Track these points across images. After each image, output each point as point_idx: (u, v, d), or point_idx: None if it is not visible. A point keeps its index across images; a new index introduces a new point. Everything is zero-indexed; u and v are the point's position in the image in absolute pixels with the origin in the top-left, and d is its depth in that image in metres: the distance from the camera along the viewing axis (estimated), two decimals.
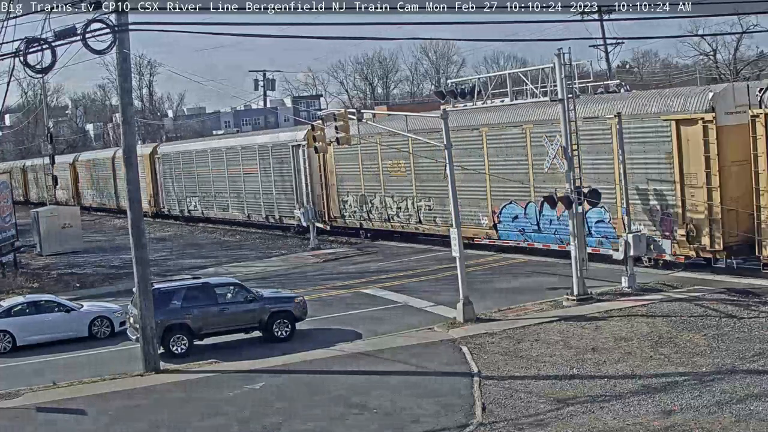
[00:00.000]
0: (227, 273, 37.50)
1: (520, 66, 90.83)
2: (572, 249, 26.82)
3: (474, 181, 35.87)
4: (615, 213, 30.46)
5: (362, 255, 40.82)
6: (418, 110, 45.67)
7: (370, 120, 35.07)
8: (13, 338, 26.74)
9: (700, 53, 65.79)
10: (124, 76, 23.60)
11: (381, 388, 20.09)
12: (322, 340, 24.92)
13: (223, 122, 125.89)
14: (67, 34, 21.47)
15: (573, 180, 26.82)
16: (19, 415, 20.29)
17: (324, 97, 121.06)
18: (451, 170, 26.29)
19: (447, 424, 17.51)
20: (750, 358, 19.77)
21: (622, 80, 46.64)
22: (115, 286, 37.13)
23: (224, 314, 25.15)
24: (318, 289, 32.80)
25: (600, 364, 20.38)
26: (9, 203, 46.47)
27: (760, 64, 64.69)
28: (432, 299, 28.98)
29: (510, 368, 20.72)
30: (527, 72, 29.31)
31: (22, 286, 37.88)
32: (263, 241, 49.77)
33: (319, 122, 34.77)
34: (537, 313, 25.61)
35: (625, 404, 17.57)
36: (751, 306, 24.24)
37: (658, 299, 25.75)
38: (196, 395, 20.83)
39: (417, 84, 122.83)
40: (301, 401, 19.62)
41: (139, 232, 23.49)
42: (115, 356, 25.42)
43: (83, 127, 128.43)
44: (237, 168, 54.71)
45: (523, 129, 34.02)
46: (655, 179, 29.21)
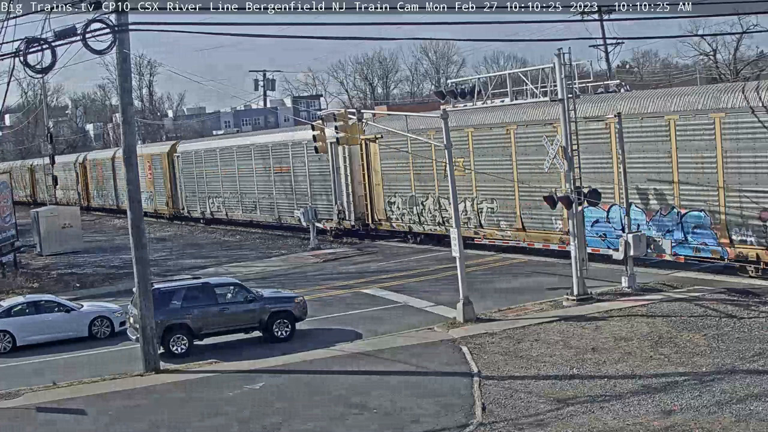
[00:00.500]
0: (227, 273, 37.51)
1: (520, 66, 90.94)
2: (572, 249, 26.81)
3: (546, 181, 32.47)
4: (717, 217, 28.11)
5: (362, 255, 40.81)
6: (418, 110, 45.55)
7: (425, 113, 33.25)
8: (13, 338, 26.76)
9: (700, 53, 65.73)
10: (124, 76, 23.61)
11: (381, 388, 20.09)
12: (322, 340, 24.92)
13: (223, 122, 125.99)
14: (67, 34, 21.48)
15: (573, 180, 26.81)
16: (19, 415, 20.29)
17: (324, 97, 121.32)
18: (451, 170, 26.29)
19: (447, 424, 17.51)
20: (750, 358, 19.77)
21: (622, 80, 46.58)
22: (115, 286, 37.15)
23: (224, 314, 25.16)
24: (318, 289, 32.80)
25: (600, 364, 20.39)
26: (9, 203, 46.47)
27: (760, 64, 64.59)
28: (432, 299, 28.99)
29: (510, 368, 20.72)
30: (527, 72, 29.31)
31: (22, 286, 37.90)
32: (263, 241, 49.77)
33: (319, 122, 34.63)
34: (537, 313, 25.61)
35: (625, 404, 17.57)
36: (751, 306, 24.25)
37: (658, 299, 25.75)
38: (196, 395, 20.82)
39: (417, 84, 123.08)
40: (301, 401, 19.62)
41: (139, 232, 23.49)
42: (115, 356, 25.42)
43: (83, 127, 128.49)
44: (266, 167, 51.57)
45: (606, 125, 30.94)
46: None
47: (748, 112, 26.65)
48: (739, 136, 27.19)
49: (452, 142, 27.22)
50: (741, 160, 27.21)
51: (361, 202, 44.47)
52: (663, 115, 29.28)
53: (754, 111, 26.47)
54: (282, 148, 50.23)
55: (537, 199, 32.26)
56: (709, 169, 28.05)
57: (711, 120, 27.80)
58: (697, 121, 28.32)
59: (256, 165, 52.73)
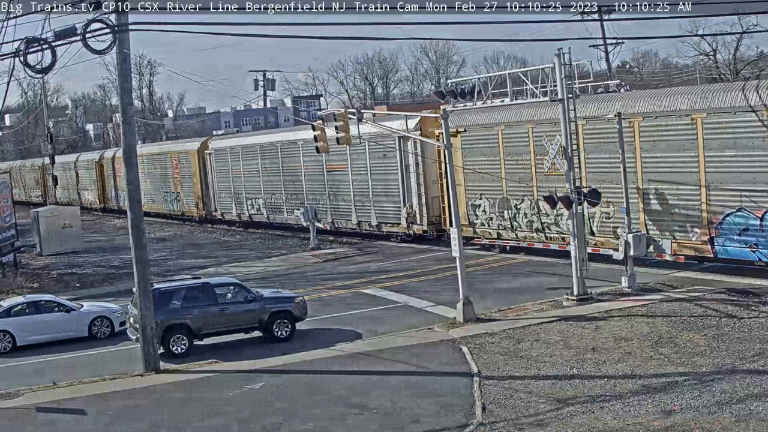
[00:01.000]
0: (227, 273, 37.51)
1: (520, 66, 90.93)
2: (572, 249, 26.81)
3: (684, 183, 28.63)
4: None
5: (362, 255, 40.80)
6: (418, 110, 45.25)
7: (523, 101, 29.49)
8: (13, 338, 26.77)
9: (700, 53, 65.72)
10: (124, 76, 23.61)
11: (381, 388, 20.08)
12: (322, 340, 24.92)
13: (223, 122, 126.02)
14: (67, 34, 21.48)
15: (572, 180, 26.80)
16: (19, 415, 20.29)
17: (324, 97, 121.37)
18: (451, 170, 26.28)
19: (447, 424, 17.50)
20: (750, 358, 19.77)
21: (622, 80, 46.59)
22: (115, 286, 37.16)
23: (224, 314, 25.16)
24: (318, 289, 32.80)
25: (600, 364, 20.38)
26: (9, 203, 46.49)
27: (760, 64, 64.61)
28: (432, 299, 28.98)
29: (510, 368, 20.72)
30: (527, 72, 29.30)
31: (22, 286, 37.90)
32: (263, 241, 49.76)
33: (319, 122, 34.37)
34: (537, 313, 25.61)
35: (625, 404, 17.56)
36: (751, 306, 24.24)
37: (658, 299, 25.74)
38: (196, 395, 20.82)
39: (417, 84, 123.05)
40: (301, 401, 19.61)
41: (139, 232, 23.49)
42: (115, 356, 25.42)
43: (83, 127, 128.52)
44: (318, 165, 46.28)
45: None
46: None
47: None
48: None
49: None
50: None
51: (435, 205, 39.82)
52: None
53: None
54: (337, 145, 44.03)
55: (669, 203, 29.07)
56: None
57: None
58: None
59: (306, 163, 47.86)
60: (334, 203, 46.15)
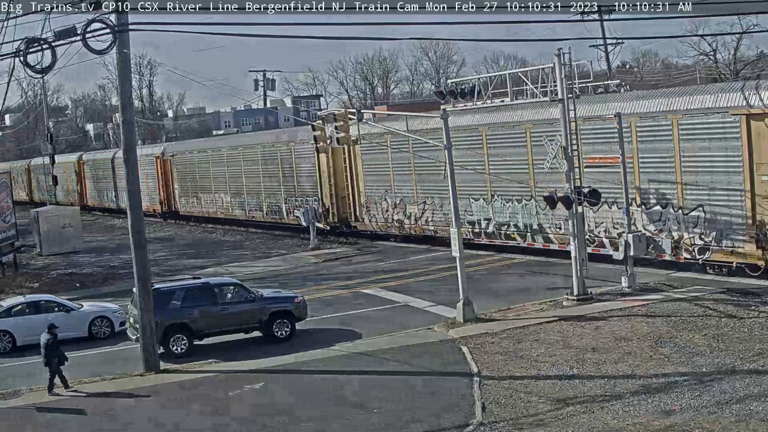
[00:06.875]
0: (227, 273, 37.48)
1: (520, 66, 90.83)
2: (572, 249, 26.80)
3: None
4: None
5: (362, 255, 40.80)
6: (418, 110, 45.24)
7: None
8: (13, 338, 26.75)
9: (700, 53, 65.84)
10: (124, 76, 23.61)
11: (381, 388, 20.09)
12: (322, 340, 24.91)
13: (223, 122, 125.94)
14: (67, 34, 21.50)
15: (573, 179, 26.79)
16: (19, 415, 20.29)
17: (324, 97, 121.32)
18: (451, 171, 26.26)
19: (447, 424, 17.51)
20: (750, 358, 19.77)
21: (622, 80, 46.60)
22: (115, 286, 37.14)
23: (224, 314, 25.15)
24: (318, 289, 32.79)
25: (600, 364, 20.38)
26: (9, 203, 46.47)
27: (760, 64, 64.63)
28: (432, 299, 28.98)
29: (510, 368, 20.72)
30: (527, 72, 29.30)
31: (22, 286, 37.88)
32: (263, 241, 49.75)
33: (319, 122, 34.29)
34: (537, 313, 25.60)
35: (625, 404, 17.57)
36: (751, 306, 24.24)
37: (658, 299, 25.74)
38: (196, 395, 20.82)
39: (417, 84, 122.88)
40: (301, 401, 19.62)
41: (139, 232, 23.49)
42: (115, 356, 25.42)
43: (83, 127, 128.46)
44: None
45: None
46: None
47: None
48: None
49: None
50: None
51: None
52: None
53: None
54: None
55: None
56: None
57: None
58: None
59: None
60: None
